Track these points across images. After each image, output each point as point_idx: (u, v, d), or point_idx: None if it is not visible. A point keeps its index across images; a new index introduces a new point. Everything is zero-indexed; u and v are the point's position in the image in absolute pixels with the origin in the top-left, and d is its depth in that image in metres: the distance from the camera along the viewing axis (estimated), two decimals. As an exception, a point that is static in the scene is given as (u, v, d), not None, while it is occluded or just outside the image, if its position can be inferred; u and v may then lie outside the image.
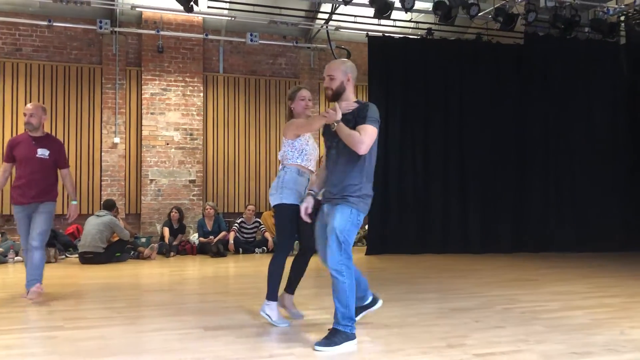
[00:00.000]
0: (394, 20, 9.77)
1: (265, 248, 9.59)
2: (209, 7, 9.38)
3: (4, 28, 9.88)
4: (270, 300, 4.20)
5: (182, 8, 8.58)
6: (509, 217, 9.88)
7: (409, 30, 10.60)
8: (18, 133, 8.37)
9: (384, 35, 9.95)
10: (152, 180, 10.34)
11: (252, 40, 10.39)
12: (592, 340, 3.81)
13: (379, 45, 9.79)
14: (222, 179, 10.93)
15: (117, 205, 9.13)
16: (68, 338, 3.89)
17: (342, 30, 10.84)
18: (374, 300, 4.18)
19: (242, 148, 11.05)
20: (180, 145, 10.50)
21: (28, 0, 9.58)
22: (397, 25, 10.27)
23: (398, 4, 8.87)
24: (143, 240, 9.40)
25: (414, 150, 9.77)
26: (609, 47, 10.41)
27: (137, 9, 10.01)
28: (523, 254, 9.39)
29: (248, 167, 11.07)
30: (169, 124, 10.44)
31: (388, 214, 9.52)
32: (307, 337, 3.87)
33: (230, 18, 10.18)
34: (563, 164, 10.14)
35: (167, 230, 9.50)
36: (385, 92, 9.65)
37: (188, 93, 10.58)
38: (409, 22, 10.37)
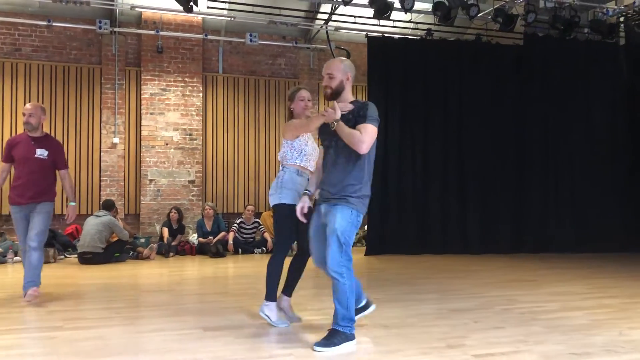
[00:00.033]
0: (394, 21, 9.78)
1: (265, 248, 9.59)
2: (209, 7, 9.38)
3: (4, 28, 9.88)
4: (269, 301, 4.19)
5: (181, 8, 8.59)
6: (509, 217, 9.88)
7: (409, 31, 10.62)
8: (17, 133, 8.36)
9: (384, 36, 9.96)
10: (151, 181, 10.34)
11: (251, 41, 10.40)
12: (591, 341, 3.81)
13: (379, 46, 9.79)
14: (221, 180, 10.93)
15: (116, 206, 9.11)
16: (67, 338, 3.88)
17: (341, 31, 10.85)
18: (367, 305, 4.15)
19: (241, 148, 11.05)
20: (180, 146, 10.51)
21: (27, 0, 9.59)
22: (396, 26, 10.27)
23: (398, 5, 8.88)
24: (142, 241, 9.39)
25: (414, 151, 9.78)
26: (609, 48, 10.41)
27: (136, 9, 10.01)
28: (522, 255, 9.40)
29: (247, 167, 11.08)
30: (169, 124, 10.45)
31: (387, 215, 9.53)
32: (306, 337, 3.87)
33: (230, 18, 10.19)
34: (562, 165, 10.14)
35: (166, 231, 9.49)
36: (385, 92, 9.65)
37: (187, 93, 10.58)
38: (409, 22, 10.40)
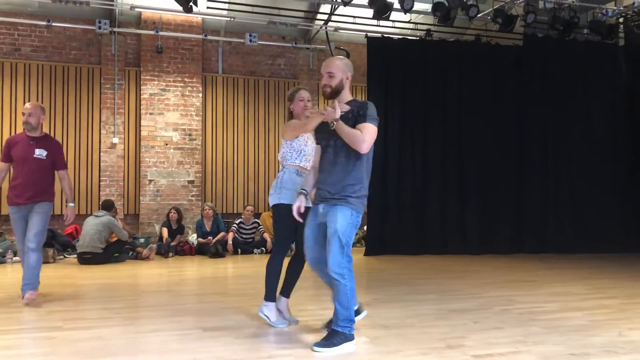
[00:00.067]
0: (393, 21, 9.78)
1: (264, 249, 9.58)
2: (208, 7, 9.37)
3: (3, 28, 9.87)
4: (269, 301, 4.19)
5: (181, 8, 8.59)
6: (508, 218, 9.89)
7: (408, 31, 10.62)
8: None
9: (383, 36, 9.96)
10: (150, 181, 10.34)
11: (251, 41, 10.40)
12: (590, 342, 3.81)
13: (378, 46, 9.79)
14: (220, 180, 10.93)
15: (115, 206, 9.11)
16: (66, 339, 3.88)
17: (341, 31, 10.85)
18: (359, 311, 4.09)
19: (240, 149, 11.05)
20: (179, 146, 10.50)
21: (27, 0, 9.58)
22: (396, 26, 10.27)
23: (397, 5, 8.88)
24: (142, 241, 9.38)
25: (413, 151, 9.79)
26: (608, 48, 10.42)
27: (136, 9, 10.01)
28: (522, 255, 9.40)
29: (247, 167, 11.07)
30: (168, 125, 10.44)
31: (387, 215, 9.54)
32: (305, 337, 3.87)
33: (230, 19, 10.18)
34: (562, 165, 10.14)
35: (165, 231, 9.48)
36: (384, 92, 9.66)
37: (187, 93, 10.58)
38: (408, 23, 10.40)
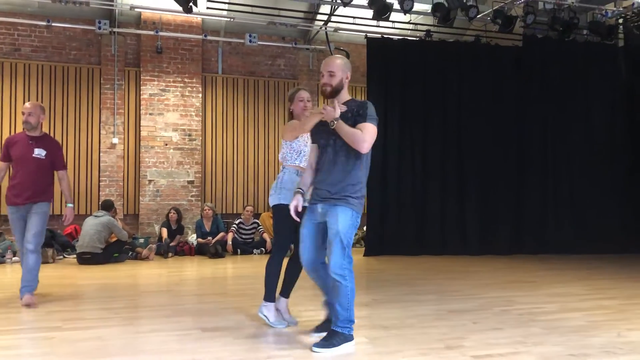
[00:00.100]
0: (393, 22, 9.78)
1: (264, 249, 9.58)
2: (208, 7, 9.37)
3: (3, 28, 9.87)
4: (268, 302, 4.19)
5: (181, 9, 8.59)
6: (508, 218, 9.89)
7: (408, 32, 10.62)
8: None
9: (383, 37, 9.96)
10: (150, 181, 10.34)
11: (251, 41, 10.40)
12: (589, 342, 3.82)
13: (378, 47, 9.80)
14: (220, 180, 10.93)
15: (115, 206, 9.11)
16: (66, 339, 3.88)
17: (341, 32, 10.85)
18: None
19: (240, 149, 11.05)
20: (179, 146, 10.50)
21: (27, 1, 9.58)
22: (396, 27, 10.27)
23: (397, 6, 8.88)
24: (141, 241, 9.37)
25: (413, 152, 9.79)
26: (608, 49, 10.43)
27: (136, 10, 10.01)
28: (521, 256, 9.40)
29: (246, 168, 11.07)
30: (168, 125, 10.44)
31: (386, 215, 9.54)
32: (305, 338, 3.87)
33: (229, 19, 10.19)
34: (561, 166, 10.15)
35: (165, 231, 9.48)
36: (384, 93, 9.66)
37: (187, 94, 10.58)
38: (408, 23, 10.40)
